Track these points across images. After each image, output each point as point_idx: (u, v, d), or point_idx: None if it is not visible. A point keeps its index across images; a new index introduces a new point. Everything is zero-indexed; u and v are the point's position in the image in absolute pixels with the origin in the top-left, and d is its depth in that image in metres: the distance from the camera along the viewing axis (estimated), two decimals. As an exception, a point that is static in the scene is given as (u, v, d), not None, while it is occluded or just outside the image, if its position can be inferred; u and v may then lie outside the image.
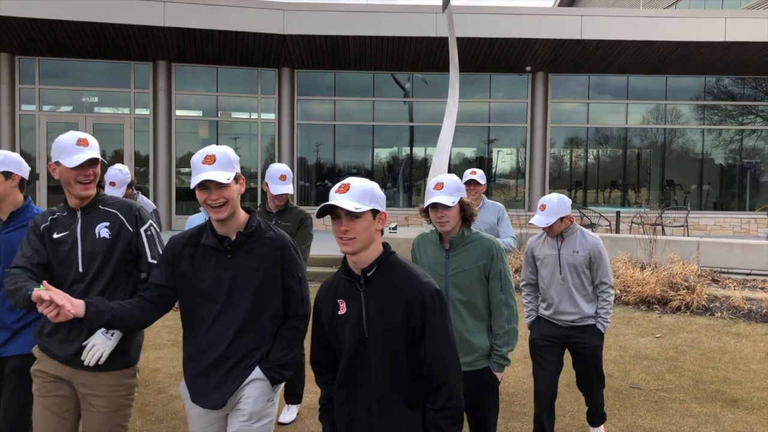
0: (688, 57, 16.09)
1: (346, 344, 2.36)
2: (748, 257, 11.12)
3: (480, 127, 17.60)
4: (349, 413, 2.39)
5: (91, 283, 2.86)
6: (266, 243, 2.70)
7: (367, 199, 2.29)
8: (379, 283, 2.33)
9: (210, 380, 2.68)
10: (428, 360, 2.29)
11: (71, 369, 2.85)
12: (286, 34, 14.67)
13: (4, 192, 3.29)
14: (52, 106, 16.17)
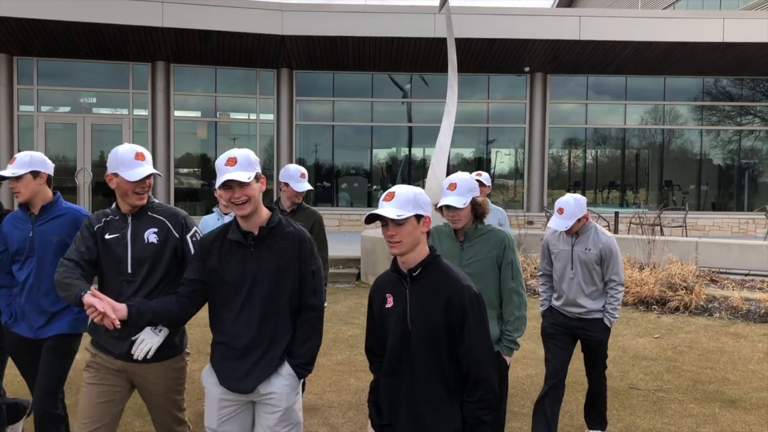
0: (686, 57, 16.11)
1: (390, 336, 2.56)
2: (747, 258, 11.13)
3: (478, 128, 17.61)
4: (392, 399, 2.58)
5: (140, 285, 3.09)
6: (286, 237, 2.90)
7: (410, 206, 2.49)
8: (423, 282, 2.54)
9: (240, 367, 2.86)
10: (466, 357, 2.47)
11: (124, 363, 3.09)
12: (285, 35, 14.67)
13: (35, 190, 3.57)
14: (50, 107, 16.15)
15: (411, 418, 2.53)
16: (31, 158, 3.59)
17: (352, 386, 5.76)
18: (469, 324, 2.46)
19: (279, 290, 2.88)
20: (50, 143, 16.01)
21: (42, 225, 3.60)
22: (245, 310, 2.87)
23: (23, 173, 3.53)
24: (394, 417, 2.58)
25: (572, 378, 6.03)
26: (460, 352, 2.48)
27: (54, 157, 15.96)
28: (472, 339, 2.46)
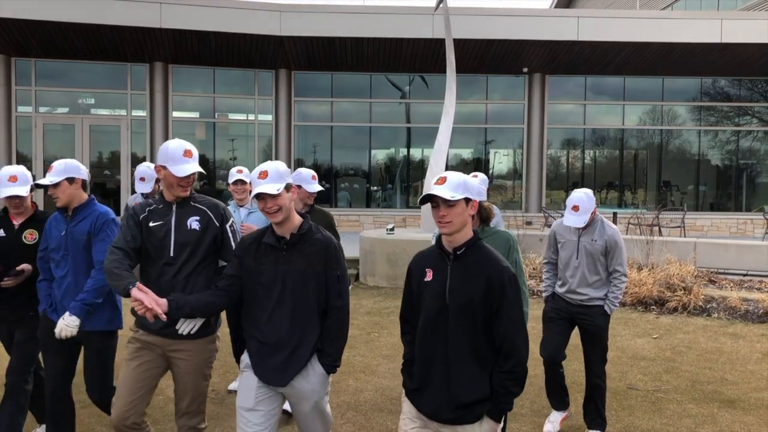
0: (684, 58, 16.13)
1: (426, 308, 2.79)
2: (745, 258, 11.15)
3: (477, 129, 17.62)
4: (426, 368, 2.78)
5: (180, 267, 3.35)
6: (315, 243, 3.16)
7: (461, 190, 2.70)
8: (466, 261, 2.76)
9: (272, 362, 3.13)
10: (502, 331, 2.70)
11: (162, 338, 3.37)
12: (283, 36, 14.67)
13: (72, 195, 3.88)
14: (48, 108, 16.14)
15: (443, 384, 2.73)
16: (66, 165, 3.87)
17: (350, 387, 5.76)
18: (507, 302, 2.68)
19: (307, 292, 3.12)
20: (48, 144, 16.00)
21: (74, 225, 3.88)
22: (276, 310, 3.13)
23: (60, 180, 3.81)
24: (425, 383, 2.78)
25: (571, 378, 6.03)
26: (497, 327, 2.70)
27: (52, 158, 15.95)
28: (509, 316, 2.69)
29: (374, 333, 7.66)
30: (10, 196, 4.04)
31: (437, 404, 2.76)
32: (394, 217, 16.91)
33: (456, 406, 2.72)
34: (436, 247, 2.86)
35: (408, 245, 10.66)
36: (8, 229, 4.18)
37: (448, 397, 2.73)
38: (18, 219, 4.21)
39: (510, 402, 2.73)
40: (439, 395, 2.75)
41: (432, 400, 2.77)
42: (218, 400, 5.44)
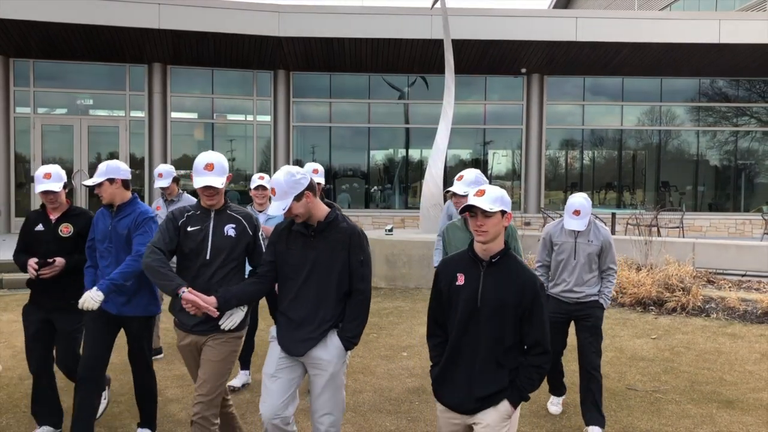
0: (682, 59, 16.14)
1: (459, 310, 3.01)
2: (743, 258, 11.16)
3: (475, 129, 17.62)
4: (453, 365, 3.05)
5: (216, 270, 3.69)
6: (340, 231, 3.47)
7: (499, 203, 2.94)
8: (498, 268, 3.00)
9: (296, 335, 3.46)
10: (532, 332, 2.97)
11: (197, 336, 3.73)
12: (282, 36, 14.66)
13: (113, 193, 4.29)
14: (47, 109, 16.12)
15: (466, 381, 3.00)
16: (107, 167, 4.30)
17: (349, 388, 5.75)
18: (539, 306, 2.96)
19: (331, 275, 3.43)
20: (47, 145, 15.98)
21: (118, 221, 4.29)
22: (303, 290, 3.45)
23: (101, 181, 4.25)
24: (448, 378, 3.06)
25: (570, 379, 6.03)
26: (527, 328, 2.98)
27: (50, 159, 15.94)
28: (540, 319, 2.97)
29: (373, 334, 7.65)
30: (44, 191, 4.42)
31: (460, 398, 3.02)
32: (392, 218, 16.91)
33: (477, 398, 2.99)
34: (467, 253, 3.08)
35: (407, 246, 10.66)
36: (46, 224, 4.57)
37: (469, 392, 3.00)
38: (54, 214, 4.61)
39: (530, 392, 3.00)
40: (462, 390, 3.01)
41: (454, 395, 3.03)
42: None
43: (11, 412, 5.10)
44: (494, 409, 2.99)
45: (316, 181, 5.29)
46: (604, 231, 4.99)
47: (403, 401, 5.46)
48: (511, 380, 3.00)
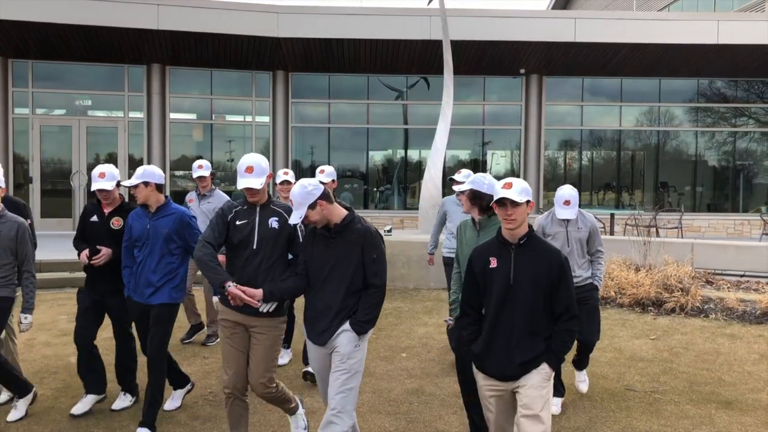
0: (681, 59, 16.16)
1: (495, 289, 3.44)
2: (742, 259, 11.16)
3: (474, 130, 17.63)
4: (493, 337, 3.45)
5: (262, 259, 4.07)
6: (355, 232, 3.85)
7: (525, 194, 3.42)
8: (526, 248, 3.45)
9: (318, 326, 3.89)
10: (562, 300, 3.41)
11: (244, 316, 4.09)
12: (281, 37, 14.66)
13: (147, 195, 4.77)
14: (45, 110, 16.11)
15: (506, 350, 3.40)
16: (144, 171, 4.77)
17: (348, 389, 5.74)
18: (565, 278, 3.40)
19: (348, 271, 3.83)
20: (45, 146, 15.97)
21: (156, 221, 4.77)
22: (323, 286, 3.87)
23: (137, 183, 4.73)
24: (490, 347, 3.45)
25: (568, 379, 6.03)
26: (555, 298, 3.41)
27: (49, 160, 15.94)
28: (568, 289, 3.41)
29: (372, 335, 7.66)
30: (98, 189, 4.97)
31: (502, 366, 3.41)
32: (391, 219, 16.91)
33: (518, 364, 3.39)
34: (496, 239, 3.54)
35: (406, 247, 10.66)
36: (100, 216, 5.15)
37: (510, 360, 3.39)
38: (107, 208, 5.17)
39: (565, 353, 3.44)
40: (503, 359, 3.41)
41: (496, 364, 3.43)
42: (216, 402, 5.44)
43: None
44: (536, 371, 3.38)
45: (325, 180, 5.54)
46: (589, 217, 5.50)
47: (402, 402, 5.46)
48: (547, 346, 3.41)
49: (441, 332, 7.83)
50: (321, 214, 3.81)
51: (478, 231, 4.38)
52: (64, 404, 5.30)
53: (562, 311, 3.42)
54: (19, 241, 4.86)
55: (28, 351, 6.85)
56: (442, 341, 7.43)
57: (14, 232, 4.84)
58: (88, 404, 5.13)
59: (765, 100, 17.90)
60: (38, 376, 6.02)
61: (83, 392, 5.26)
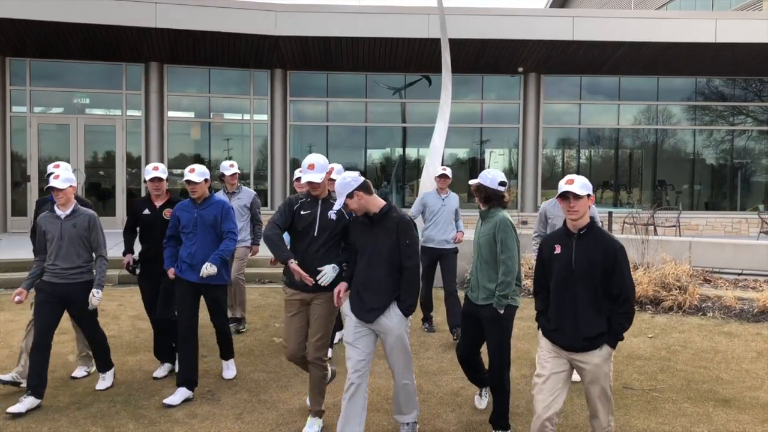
0: (679, 58, 16.16)
1: (558, 272, 3.92)
2: (740, 257, 11.18)
3: (472, 128, 17.63)
4: (560, 315, 3.92)
5: (321, 244, 4.71)
6: (392, 220, 4.45)
7: (585, 189, 3.86)
8: (586, 237, 3.90)
9: (363, 306, 4.45)
10: (617, 285, 3.82)
11: (307, 294, 4.76)
12: (279, 36, 14.65)
13: (203, 190, 5.62)
14: (43, 108, 16.08)
15: (573, 325, 3.86)
16: (203, 170, 5.61)
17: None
18: (620, 265, 3.81)
19: (385, 255, 4.41)
20: (43, 144, 15.95)
21: (203, 210, 5.61)
22: (366, 268, 4.46)
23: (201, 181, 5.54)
24: (561, 324, 3.91)
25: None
26: (612, 281, 3.81)
27: (47, 159, 15.90)
28: (622, 275, 3.81)
29: (370, 333, 7.65)
30: (153, 177, 5.93)
31: (570, 339, 3.87)
32: (389, 217, 16.87)
33: (583, 338, 3.84)
34: (562, 230, 4.00)
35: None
36: (152, 209, 6.06)
37: (576, 334, 3.85)
38: (158, 201, 6.08)
39: (623, 333, 3.84)
40: (571, 333, 3.87)
41: (566, 337, 3.89)
42: (214, 400, 5.44)
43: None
44: (598, 351, 3.84)
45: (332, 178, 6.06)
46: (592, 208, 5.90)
47: (400, 400, 5.46)
48: (608, 328, 3.83)
49: (439, 330, 7.83)
50: (358, 203, 4.42)
51: (481, 221, 4.91)
52: (62, 402, 5.30)
53: (617, 294, 3.83)
54: (92, 230, 5.51)
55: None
56: (440, 340, 7.43)
57: (87, 223, 5.49)
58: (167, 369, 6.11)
59: (763, 98, 17.92)
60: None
61: (80, 390, 5.25)
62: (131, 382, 5.84)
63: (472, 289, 4.89)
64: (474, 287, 4.88)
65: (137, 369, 6.25)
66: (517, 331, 7.74)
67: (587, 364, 3.86)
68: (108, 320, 8.21)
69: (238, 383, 5.86)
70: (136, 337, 7.46)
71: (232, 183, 7.76)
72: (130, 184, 16.37)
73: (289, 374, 6.13)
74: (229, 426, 4.88)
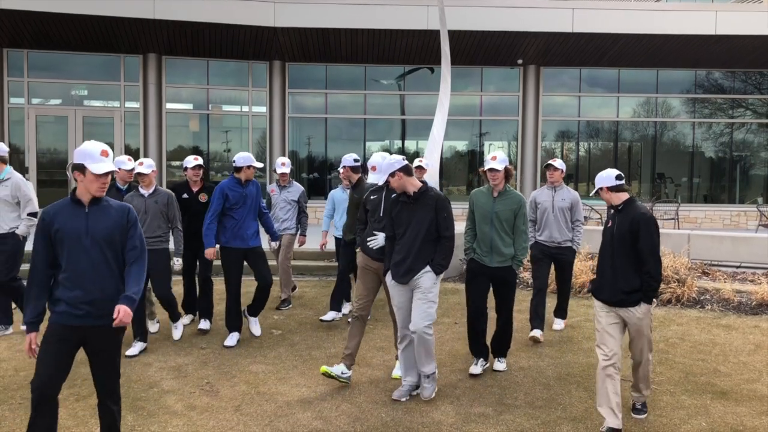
0: (678, 50, 16.13)
1: (604, 241, 4.83)
2: (738, 250, 11.18)
3: (471, 121, 17.60)
4: (604, 274, 4.79)
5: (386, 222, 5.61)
6: (429, 198, 5.27)
7: (620, 178, 4.80)
8: (624, 211, 4.75)
9: (401, 269, 5.28)
10: (644, 250, 4.61)
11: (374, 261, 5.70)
12: (278, 27, 14.60)
13: (249, 174, 6.83)
14: (41, 99, 16.04)
15: (613, 281, 4.70)
16: (248, 156, 6.75)
17: (345, 379, 5.76)
18: (645, 231, 4.60)
19: (423, 227, 5.24)
20: (41, 136, 15.91)
21: (247, 189, 6.82)
22: (404, 240, 5.29)
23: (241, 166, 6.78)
24: (603, 282, 4.78)
25: (563, 371, 6.05)
26: (640, 247, 4.62)
27: (45, 150, 15.88)
28: (646, 240, 4.61)
29: (369, 325, 7.66)
30: (196, 165, 7.28)
31: (609, 294, 4.72)
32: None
33: (621, 292, 4.66)
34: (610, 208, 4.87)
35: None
36: (190, 193, 7.32)
37: (615, 289, 4.68)
38: (195, 187, 7.38)
39: (651, 291, 4.62)
40: (610, 289, 4.71)
41: (606, 291, 4.74)
42: (212, 392, 5.45)
43: (6, 404, 5.10)
44: (638, 308, 4.66)
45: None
46: (573, 192, 7.20)
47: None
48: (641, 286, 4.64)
49: (438, 325, 7.84)
50: (398, 182, 5.23)
51: (495, 198, 5.84)
52: (60, 395, 5.30)
53: (643, 260, 4.62)
54: (170, 206, 6.65)
55: (24, 341, 6.85)
56: (438, 332, 7.44)
57: (166, 200, 6.64)
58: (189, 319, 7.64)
59: (762, 91, 17.89)
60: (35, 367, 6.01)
61: (80, 381, 5.25)
62: (129, 375, 5.85)
63: (485, 254, 5.81)
64: (487, 252, 5.80)
65: (135, 361, 6.25)
66: (516, 324, 7.76)
67: (631, 319, 4.70)
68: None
69: (237, 375, 5.87)
70: (135, 329, 7.46)
71: (284, 179, 8.65)
72: (128, 176, 16.32)
73: (288, 366, 6.14)
74: (227, 418, 4.89)
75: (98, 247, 3.66)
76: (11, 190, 6.95)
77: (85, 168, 3.62)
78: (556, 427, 4.81)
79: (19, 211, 7.04)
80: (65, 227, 3.64)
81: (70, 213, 3.67)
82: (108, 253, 3.70)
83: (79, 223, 3.66)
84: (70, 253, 3.63)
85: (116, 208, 3.78)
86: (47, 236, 3.66)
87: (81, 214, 3.68)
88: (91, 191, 3.67)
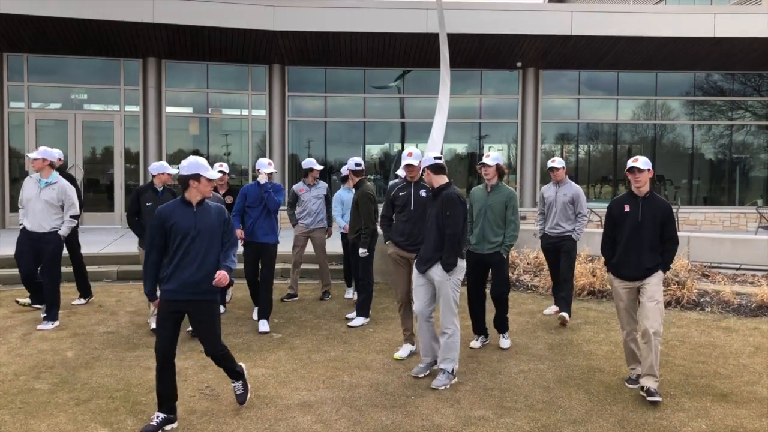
0: (677, 53, 16.14)
1: (628, 224, 5.53)
2: (738, 252, 11.18)
3: (471, 123, 17.62)
4: (628, 253, 5.52)
5: (417, 217, 6.31)
6: (443, 195, 5.74)
7: (647, 165, 5.51)
8: (649, 200, 5.51)
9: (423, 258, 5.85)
10: (668, 233, 5.49)
11: (408, 252, 6.37)
12: (277, 30, 14.62)
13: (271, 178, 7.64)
14: (40, 103, 16.06)
15: (638, 260, 5.47)
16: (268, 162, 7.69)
17: (345, 383, 5.76)
18: (669, 218, 5.45)
19: (441, 221, 5.72)
20: (41, 140, 15.92)
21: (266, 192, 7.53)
22: (429, 230, 5.82)
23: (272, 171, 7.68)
24: (628, 261, 5.51)
25: (563, 374, 6.05)
26: (664, 230, 5.47)
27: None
28: (670, 225, 5.47)
29: (369, 329, 7.66)
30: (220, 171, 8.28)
31: (635, 270, 5.49)
32: (388, 212, 16.85)
33: (645, 269, 5.46)
34: (629, 195, 5.59)
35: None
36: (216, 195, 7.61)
37: (640, 266, 5.46)
38: (222, 189, 8.60)
39: (670, 262, 5.52)
40: (636, 265, 5.48)
41: (630, 270, 5.51)
42: (212, 396, 5.44)
43: (6, 408, 5.10)
44: (655, 275, 5.45)
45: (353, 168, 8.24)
46: (575, 187, 8.00)
47: (399, 395, 5.47)
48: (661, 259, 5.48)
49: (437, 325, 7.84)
50: (427, 177, 5.84)
51: (488, 193, 6.71)
52: (60, 399, 5.31)
53: (668, 238, 5.49)
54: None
55: (24, 345, 6.85)
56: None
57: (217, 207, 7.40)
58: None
59: (761, 93, 17.91)
60: (35, 371, 6.02)
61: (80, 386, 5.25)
62: (129, 379, 5.84)
63: (478, 243, 6.71)
64: (480, 241, 6.70)
65: (136, 365, 6.25)
66: (515, 327, 7.76)
67: (647, 285, 5.44)
68: (106, 316, 8.22)
69: (237, 379, 5.86)
70: (134, 332, 7.46)
71: (314, 177, 9.36)
72: (128, 179, 16.35)
73: (288, 370, 6.14)
74: (227, 422, 4.89)
75: (202, 238, 4.65)
76: (58, 193, 7.60)
77: (200, 176, 4.66)
78: (557, 430, 4.81)
79: (62, 213, 7.67)
80: (179, 223, 4.61)
81: (182, 212, 4.67)
82: (209, 242, 4.68)
83: (189, 220, 4.64)
84: (181, 242, 4.61)
85: (214, 209, 4.80)
86: (163, 229, 4.63)
87: (190, 213, 4.67)
88: (204, 193, 4.72)
